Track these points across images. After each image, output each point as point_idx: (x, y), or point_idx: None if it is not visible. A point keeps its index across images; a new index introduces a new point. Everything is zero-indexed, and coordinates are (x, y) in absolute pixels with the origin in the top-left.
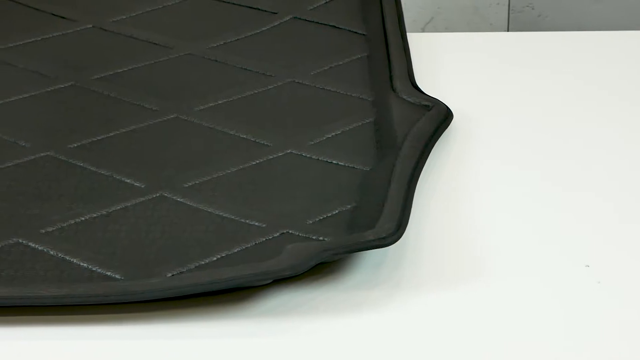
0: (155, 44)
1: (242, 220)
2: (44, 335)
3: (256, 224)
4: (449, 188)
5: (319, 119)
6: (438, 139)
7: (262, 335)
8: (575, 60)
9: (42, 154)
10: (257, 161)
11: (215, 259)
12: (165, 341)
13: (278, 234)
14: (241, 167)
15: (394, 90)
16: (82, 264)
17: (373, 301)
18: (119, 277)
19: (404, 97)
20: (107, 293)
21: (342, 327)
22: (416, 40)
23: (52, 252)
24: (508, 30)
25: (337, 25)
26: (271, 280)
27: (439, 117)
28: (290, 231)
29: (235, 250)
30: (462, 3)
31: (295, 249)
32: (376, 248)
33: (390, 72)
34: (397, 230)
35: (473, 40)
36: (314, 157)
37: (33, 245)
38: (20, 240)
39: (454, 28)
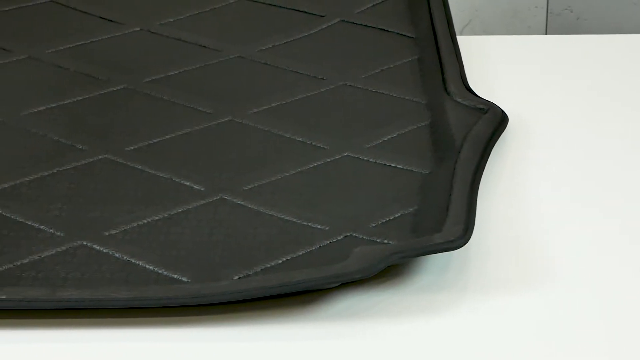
0: (204, 46)
1: (305, 223)
2: (113, 337)
3: (319, 226)
4: (509, 191)
5: (374, 122)
6: (496, 142)
7: (331, 337)
8: (614, 63)
9: (99, 157)
10: (315, 164)
11: (280, 262)
12: (234, 344)
13: (342, 236)
14: (299, 170)
15: (447, 93)
16: (147, 266)
17: (440, 305)
18: (186, 280)
19: (459, 100)
20: (177, 296)
21: (410, 330)
22: None
23: (117, 255)
24: (546, 34)
25: (385, 28)
26: (339, 283)
27: (495, 120)
28: (354, 234)
29: (300, 253)
30: (500, 6)
31: (363, 252)
32: (444, 251)
33: (442, 75)
34: (464, 233)
35: (512, 43)
36: (371, 160)
37: (98, 247)
38: (85, 243)
39: (492, 31)
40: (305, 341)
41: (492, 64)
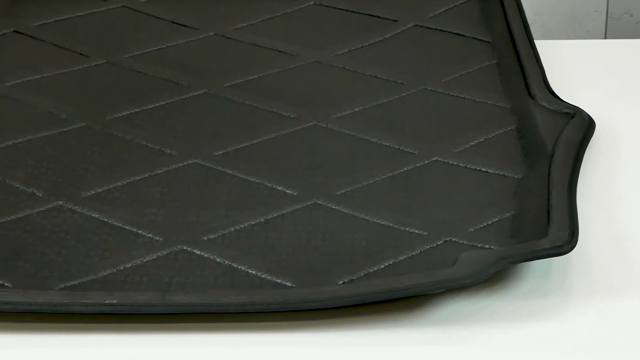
0: (280, 51)
1: (402, 228)
2: (222, 342)
3: (416, 231)
4: (605, 195)
5: (459, 127)
6: (587, 146)
7: (439, 343)
8: None
9: (189, 162)
10: (405, 169)
11: (382, 266)
12: (342, 348)
13: (441, 241)
14: (389, 174)
15: (532, 97)
16: (250, 271)
17: (547, 310)
18: (290, 285)
19: (544, 104)
20: (287, 300)
21: (518, 336)
22: None
23: (218, 260)
24: (605, 38)
25: (461, 33)
26: (447, 289)
27: (584, 124)
28: (453, 239)
29: (402, 258)
30: (559, 10)
31: (470, 257)
32: (552, 257)
33: (524, 79)
34: (571, 238)
35: (571, 48)
36: (461, 164)
37: (198, 252)
38: (185, 248)
39: (551, 35)
40: (414, 346)
41: (553, 68)
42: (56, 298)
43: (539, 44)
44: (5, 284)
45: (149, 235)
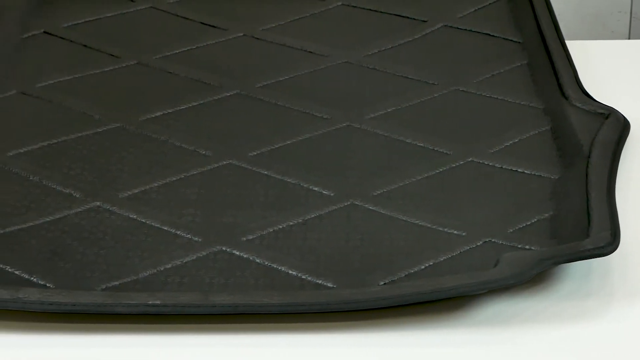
0: (309, 52)
1: (440, 229)
2: (264, 343)
3: (455, 232)
4: None
5: (493, 127)
6: (623, 147)
7: (483, 343)
8: None
9: (224, 162)
10: (440, 169)
11: (423, 267)
12: (386, 349)
13: (481, 242)
14: (425, 175)
15: (565, 98)
16: (290, 272)
17: (589, 311)
18: (331, 285)
19: (578, 105)
20: (330, 301)
21: (561, 337)
22: None
23: (258, 260)
24: (629, 38)
25: (490, 33)
26: (490, 290)
27: (619, 125)
28: (492, 240)
29: (442, 259)
30: (582, 11)
31: (512, 258)
32: (594, 257)
33: (557, 80)
34: (614, 239)
35: (595, 48)
36: (496, 165)
37: (238, 253)
38: (224, 248)
39: (574, 36)
40: (458, 347)
41: (580, 69)
42: (100, 299)
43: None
44: (47, 285)
45: (188, 236)
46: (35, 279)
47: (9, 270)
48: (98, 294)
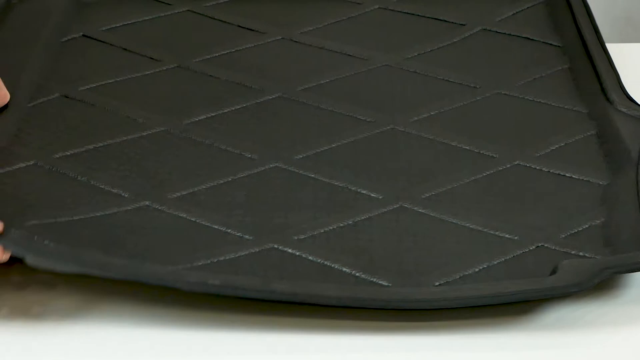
0: (349, 55)
1: (492, 232)
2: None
3: (507, 236)
4: None
5: (537, 131)
6: None
7: (547, 347)
8: None
9: (270, 166)
10: (487, 172)
11: (477, 270)
12: (446, 353)
13: (533, 247)
14: (473, 178)
15: (610, 102)
16: (344, 269)
17: None
18: (386, 284)
19: (623, 110)
20: (390, 299)
21: (623, 342)
22: None
23: (311, 257)
24: None
25: (530, 37)
26: (552, 296)
27: None
28: (545, 245)
29: (495, 263)
30: (614, 14)
31: (571, 265)
32: None
33: (600, 84)
34: None
35: (627, 51)
36: (544, 169)
37: (291, 250)
38: (276, 246)
39: (605, 39)
40: (520, 351)
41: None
42: (160, 274)
43: None
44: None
45: (239, 234)
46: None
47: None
48: (158, 269)
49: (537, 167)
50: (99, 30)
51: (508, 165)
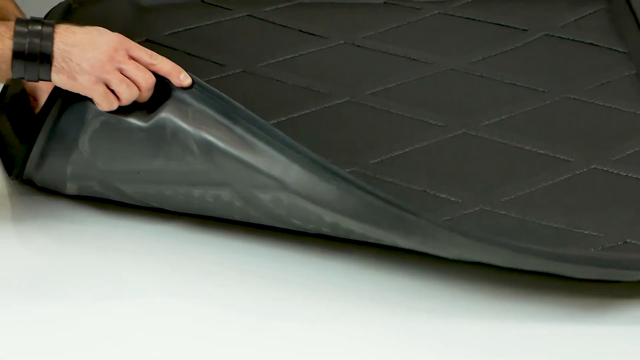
0: (413, 59)
1: (576, 230)
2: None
3: (593, 233)
4: None
5: (610, 135)
6: None
7: None
8: None
9: (347, 170)
10: (565, 176)
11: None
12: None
13: (621, 242)
14: (550, 182)
15: None
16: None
17: None
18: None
19: None
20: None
21: None
22: None
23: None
24: None
25: (595, 43)
26: None
27: None
28: (633, 241)
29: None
30: None
31: None
32: None
33: None
34: None
35: None
36: (621, 173)
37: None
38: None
39: None
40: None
41: None
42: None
43: None
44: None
45: None
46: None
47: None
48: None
49: (615, 171)
50: (162, 34)
51: (585, 169)
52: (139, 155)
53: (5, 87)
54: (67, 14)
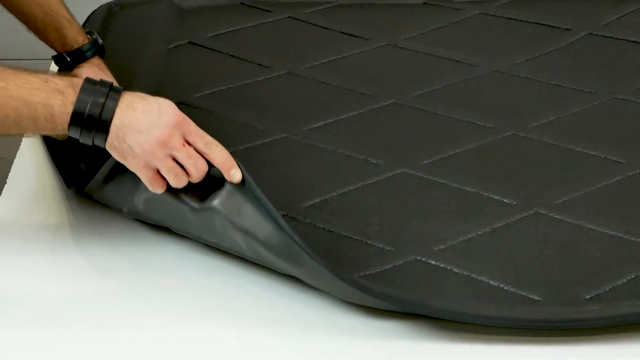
0: (457, 61)
1: (634, 239)
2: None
3: None
4: None
5: None
6: None
7: None
8: None
9: (398, 171)
10: (617, 178)
11: (625, 280)
12: None
13: None
14: (603, 184)
15: None
16: (491, 282)
17: None
18: (537, 299)
19: None
20: (548, 319)
21: None
22: None
23: (456, 270)
24: None
25: (639, 41)
26: None
27: None
28: None
29: None
30: None
31: None
32: None
33: None
34: None
35: None
36: None
37: (433, 262)
38: (419, 258)
39: None
40: None
41: None
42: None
43: None
44: None
45: (380, 245)
46: None
47: None
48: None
49: None
50: (204, 37)
51: (638, 171)
52: (190, 227)
53: None
54: (108, 18)
